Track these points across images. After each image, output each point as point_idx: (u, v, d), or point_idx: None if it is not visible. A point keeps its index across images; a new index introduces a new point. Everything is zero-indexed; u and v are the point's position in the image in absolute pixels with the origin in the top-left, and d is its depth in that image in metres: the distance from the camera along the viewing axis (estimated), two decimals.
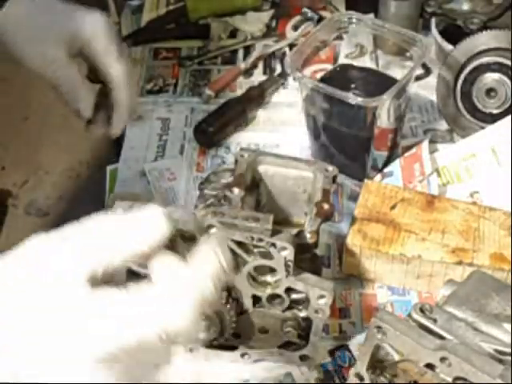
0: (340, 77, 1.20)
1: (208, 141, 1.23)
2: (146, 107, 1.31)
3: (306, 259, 0.88)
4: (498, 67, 1.17)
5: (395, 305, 1.01)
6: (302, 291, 0.85)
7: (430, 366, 0.73)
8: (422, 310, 0.76)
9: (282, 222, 0.85)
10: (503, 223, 1.02)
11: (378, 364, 0.78)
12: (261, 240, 0.80)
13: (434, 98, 1.25)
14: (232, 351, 0.93)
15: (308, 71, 1.22)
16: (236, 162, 0.96)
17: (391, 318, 0.76)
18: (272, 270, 0.84)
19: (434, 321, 0.76)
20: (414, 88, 1.18)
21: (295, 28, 1.42)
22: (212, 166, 1.19)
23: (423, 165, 1.17)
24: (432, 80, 1.28)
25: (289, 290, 0.86)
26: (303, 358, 0.92)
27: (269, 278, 0.85)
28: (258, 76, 1.36)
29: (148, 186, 1.17)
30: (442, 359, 0.71)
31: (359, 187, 1.10)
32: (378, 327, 0.75)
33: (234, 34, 1.45)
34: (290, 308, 0.88)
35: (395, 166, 1.17)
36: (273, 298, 0.87)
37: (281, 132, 1.25)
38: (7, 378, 0.48)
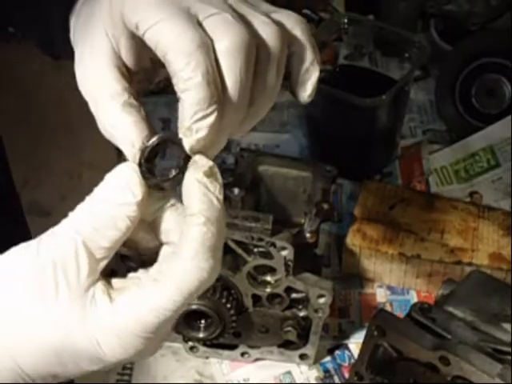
0: (340, 77, 1.20)
1: None
2: (147, 108, 1.31)
3: (306, 259, 0.88)
4: (497, 68, 1.17)
5: (394, 304, 1.01)
6: (301, 291, 0.86)
7: (429, 365, 0.73)
8: (421, 310, 0.77)
9: (282, 222, 0.86)
10: (502, 223, 1.02)
11: (377, 363, 0.78)
12: (261, 240, 0.81)
13: (432, 98, 1.26)
14: (232, 350, 0.93)
15: None
16: (236, 161, 0.96)
17: (390, 317, 0.76)
18: (272, 270, 0.84)
19: (433, 320, 0.76)
20: (413, 89, 1.18)
21: None
22: None
23: (422, 165, 1.17)
24: (431, 81, 1.28)
25: (289, 290, 0.86)
26: (303, 357, 0.93)
27: (269, 278, 0.86)
28: None
29: None
30: (441, 358, 0.72)
31: (359, 187, 1.10)
32: (378, 326, 0.75)
33: None
34: (289, 307, 0.88)
35: (394, 166, 1.18)
36: (273, 297, 0.87)
37: (281, 132, 1.26)
38: None
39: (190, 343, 0.93)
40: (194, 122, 0.50)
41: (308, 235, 0.88)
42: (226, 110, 0.50)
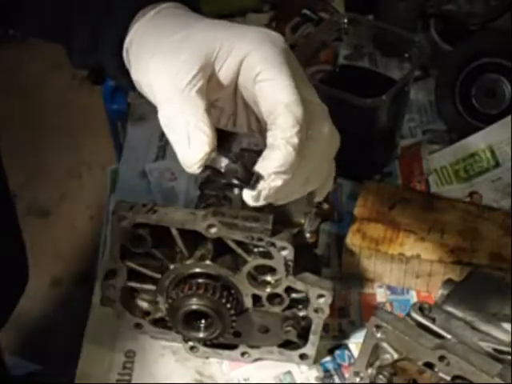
0: (339, 78, 1.20)
1: None
2: (148, 107, 1.31)
3: (306, 259, 0.88)
4: (497, 68, 1.18)
5: (394, 304, 1.01)
6: (301, 290, 0.86)
7: (428, 365, 0.74)
8: (420, 310, 0.77)
9: (282, 222, 0.86)
10: (502, 223, 1.02)
11: (377, 363, 0.78)
12: (261, 240, 0.81)
13: (432, 98, 1.26)
14: (232, 350, 0.94)
15: (308, 72, 1.22)
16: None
17: (390, 317, 0.77)
18: (272, 270, 0.84)
19: (433, 320, 0.76)
20: (413, 89, 1.18)
21: (295, 29, 1.42)
22: None
23: (422, 165, 1.18)
24: (431, 81, 1.29)
25: (289, 290, 0.86)
26: (303, 357, 0.93)
27: (269, 278, 0.86)
28: None
29: (149, 186, 1.17)
30: (441, 358, 0.72)
31: (359, 187, 1.10)
32: (377, 326, 0.76)
33: None
34: (289, 307, 0.88)
35: (394, 166, 1.18)
36: (273, 297, 0.87)
37: None
38: None
39: (190, 343, 0.93)
40: (276, 172, 0.58)
41: (308, 235, 0.88)
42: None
